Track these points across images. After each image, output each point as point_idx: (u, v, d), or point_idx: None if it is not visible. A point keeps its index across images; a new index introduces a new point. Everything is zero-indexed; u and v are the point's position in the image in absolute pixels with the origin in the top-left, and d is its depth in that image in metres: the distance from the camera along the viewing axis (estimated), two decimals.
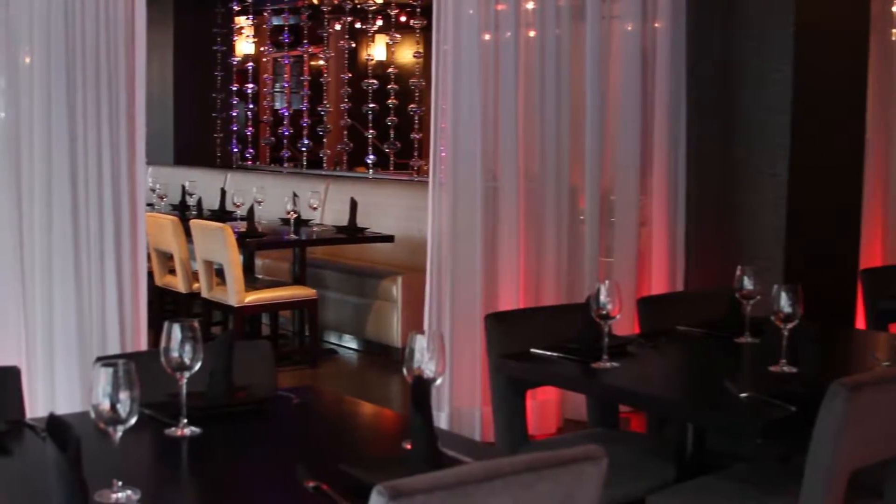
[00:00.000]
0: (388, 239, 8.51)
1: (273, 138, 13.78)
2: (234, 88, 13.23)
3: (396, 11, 11.98)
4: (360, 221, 8.59)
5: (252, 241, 8.06)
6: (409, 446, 2.68)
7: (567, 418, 6.46)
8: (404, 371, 2.84)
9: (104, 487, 2.33)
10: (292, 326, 8.86)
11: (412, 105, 11.35)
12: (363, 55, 13.12)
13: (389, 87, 11.53)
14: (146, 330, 4.94)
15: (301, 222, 8.57)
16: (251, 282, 8.01)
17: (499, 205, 6.26)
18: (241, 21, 13.68)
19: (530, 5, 6.33)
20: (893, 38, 7.58)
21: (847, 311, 6.45)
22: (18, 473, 2.67)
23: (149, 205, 8.08)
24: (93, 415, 2.35)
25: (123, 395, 2.34)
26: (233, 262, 7.60)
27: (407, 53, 13.05)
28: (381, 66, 12.72)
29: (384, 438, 3.21)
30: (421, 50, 11.49)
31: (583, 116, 6.49)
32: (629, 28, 6.62)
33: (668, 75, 6.64)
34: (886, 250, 7.48)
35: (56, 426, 2.28)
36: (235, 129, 13.36)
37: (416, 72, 11.46)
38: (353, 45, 13.31)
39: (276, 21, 13.65)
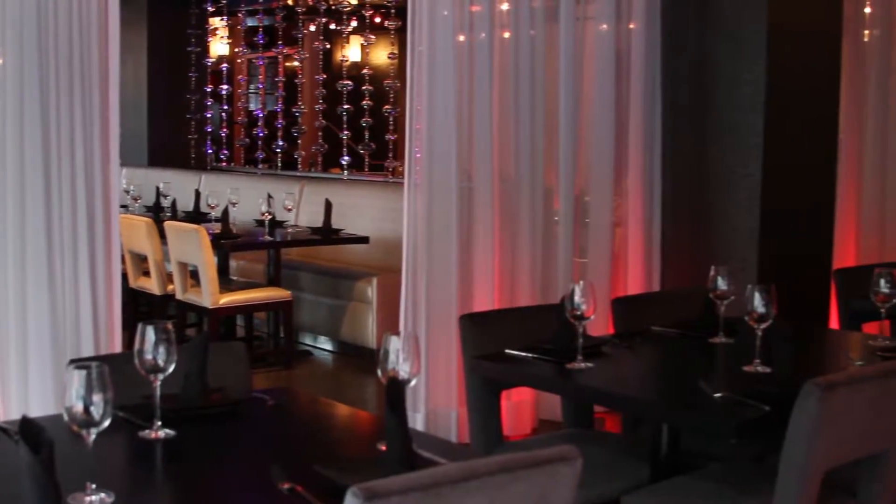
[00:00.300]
0: (363, 240, 8.51)
1: (248, 139, 13.74)
2: (209, 89, 13.19)
3: (371, 12, 11.98)
4: (335, 223, 8.58)
5: (226, 242, 8.04)
6: (383, 447, 2.68)
7: (542, 419, 6.47)
8: (379, 372, 2.84)
9: (78, 490, 2.32)
10: (267, 328, 8.85)
11: (387, 106, 11.35)
12: (338, 56, 13.09)
13: (364, 88, 11.52)
14: (120, 332, 4.93)
15: (276, 224, 8.56)
16: (226, 283, 7.99)
17: (474, 206, 6.26)
18: (216, 22, 13.64)
19: (505, 6, 6.34)
20: (866, 40, 7.62)
21: (821, 310, 6.48)
22: None
23: (123, 206, 8.05)
24: (66, 417, 2.34)
25: (97, 398, 2.33)
26: (207, 264, 7.58)
27: (382, 54, 13.04)
28: (356, 67, 12.69)
29: (359, 440, 3.21)
30: (395, 51, 11.49)
31: (557, 117, 6.51)
32: (603, 29, 6.63)
33: (643, 76, 6.66)
34: (859, 250, 7.52)
35: (29, 429, 2.27)
36: (210, 130, 13.31)
37: (391, 73, 11.46)
38: (328, 46, 13.29)
39: (250, 22, 13.62)
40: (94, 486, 2.33)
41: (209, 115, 13.32)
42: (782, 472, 3.19)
